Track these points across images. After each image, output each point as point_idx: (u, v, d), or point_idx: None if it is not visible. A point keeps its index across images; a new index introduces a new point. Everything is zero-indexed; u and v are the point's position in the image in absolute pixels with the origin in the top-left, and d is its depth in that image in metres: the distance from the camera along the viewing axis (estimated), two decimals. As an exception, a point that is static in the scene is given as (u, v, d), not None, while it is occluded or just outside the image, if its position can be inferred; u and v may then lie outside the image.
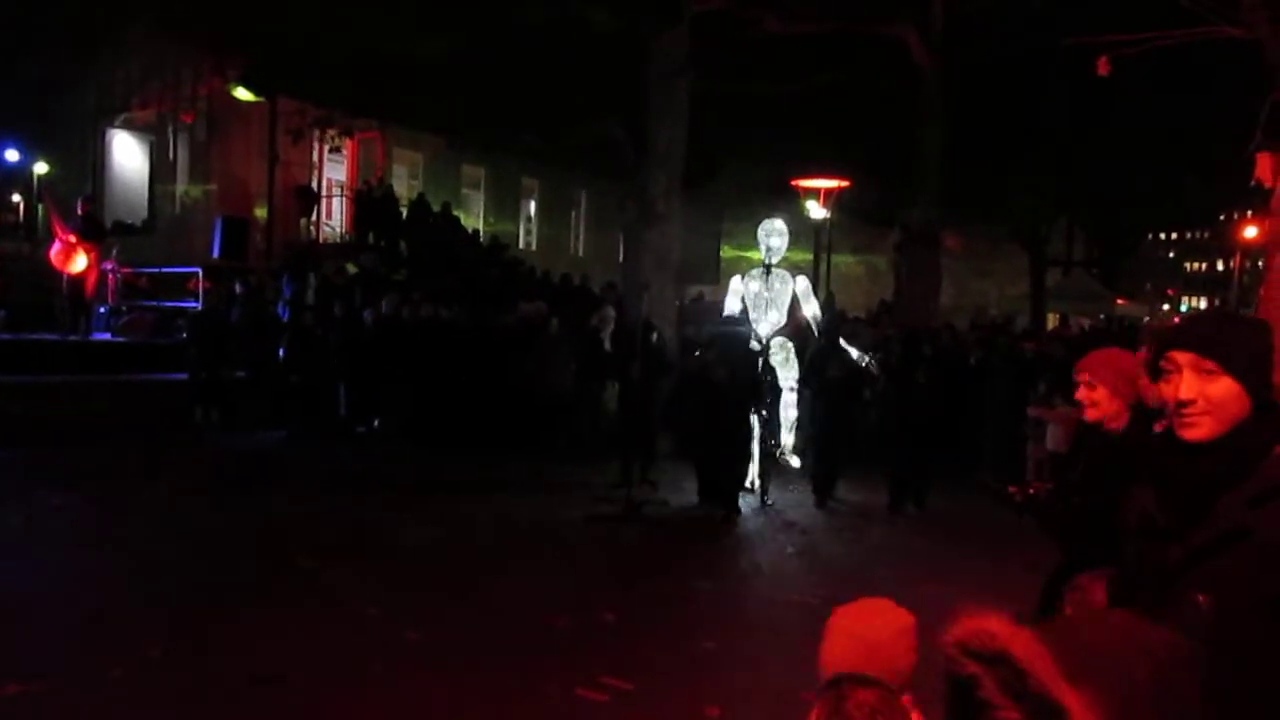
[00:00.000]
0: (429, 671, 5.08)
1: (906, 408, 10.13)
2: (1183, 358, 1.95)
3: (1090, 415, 3.40)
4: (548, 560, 7.57)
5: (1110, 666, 1.61)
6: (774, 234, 10.48)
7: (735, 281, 10.81)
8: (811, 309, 10.67)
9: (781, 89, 16.12)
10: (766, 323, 10.39)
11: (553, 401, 12.36)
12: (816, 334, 10.55)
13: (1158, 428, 2.51)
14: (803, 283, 10.67)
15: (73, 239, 14.28)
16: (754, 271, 10.60)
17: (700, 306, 17.45)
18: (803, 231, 15.67)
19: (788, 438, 10.77)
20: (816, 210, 16.05)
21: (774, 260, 10.45)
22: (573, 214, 31.02)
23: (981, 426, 12.13)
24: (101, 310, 16.12)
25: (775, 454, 10.54)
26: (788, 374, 10.54)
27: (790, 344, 10.62)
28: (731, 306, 10.73)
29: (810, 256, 17.25)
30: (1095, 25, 10.76)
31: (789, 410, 10.73)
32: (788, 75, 16.00)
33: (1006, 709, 1.49)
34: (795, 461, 10.81)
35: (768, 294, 10.39)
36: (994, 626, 1.52)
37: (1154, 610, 1.88)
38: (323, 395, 13.14)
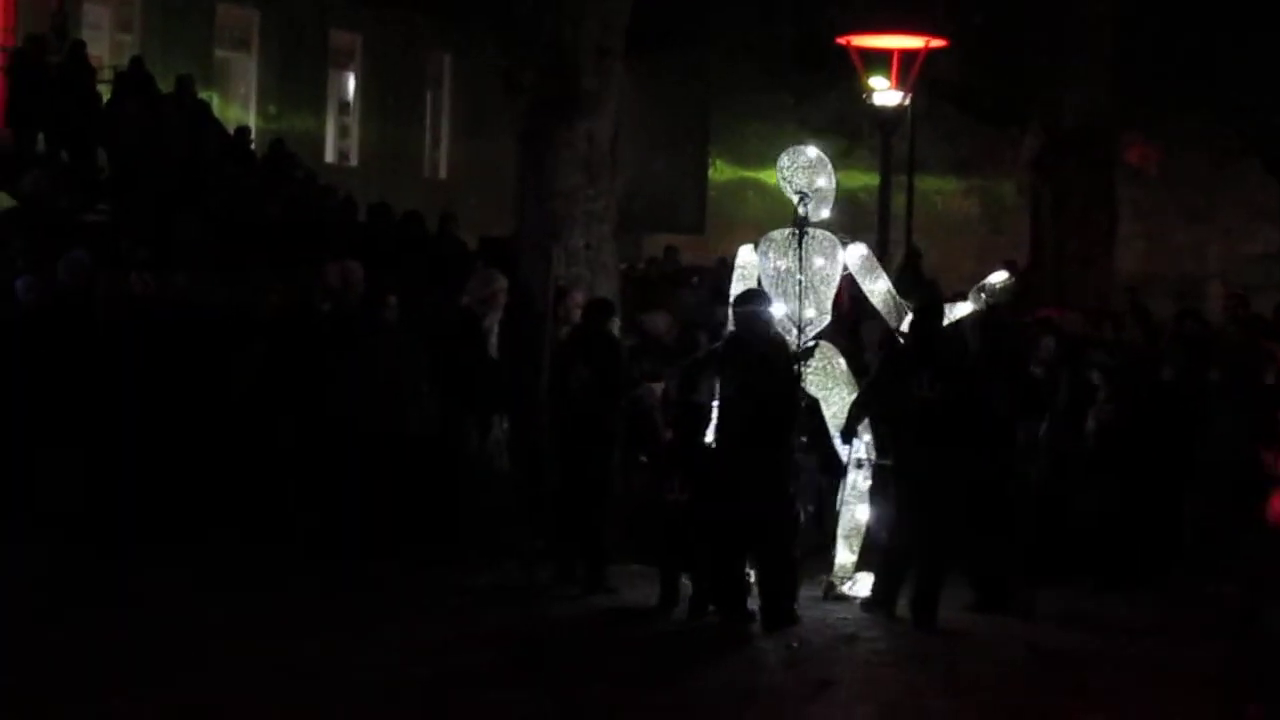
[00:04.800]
0: None
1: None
2: None
3: None
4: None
5: None
6: (812, 169, 10.56)
7: (745, 254, 10.99)
8: (882, 285, 10.86)
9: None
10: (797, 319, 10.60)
11: (392, 449, 11.68)
12: (899, 323, 10.68)
13: None
14: (857, 252, 10.81)
15: None
16: (776, 236, 10.62)
17: (668, 272, 16.89)
18: (863, 133, 14.44)
19: (847, 555, 10.69)
20: (886, 94, 15.32)
21: (817, 213, 10.52)
22: (427, 100, 29.92)
23: (1180, 492, 11.47)
24: None
25: (826, 583, 10.68)
26: (830, 415, 10.49)
27: (837, 355, 10.67)
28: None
29: (876, 180, 15.49)
30: None
31: (851, 503, 10.65)
32: None
33: None
34: (863, 587, 10.62)
35: (801, 274, 10.44)
36: None
37: None
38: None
